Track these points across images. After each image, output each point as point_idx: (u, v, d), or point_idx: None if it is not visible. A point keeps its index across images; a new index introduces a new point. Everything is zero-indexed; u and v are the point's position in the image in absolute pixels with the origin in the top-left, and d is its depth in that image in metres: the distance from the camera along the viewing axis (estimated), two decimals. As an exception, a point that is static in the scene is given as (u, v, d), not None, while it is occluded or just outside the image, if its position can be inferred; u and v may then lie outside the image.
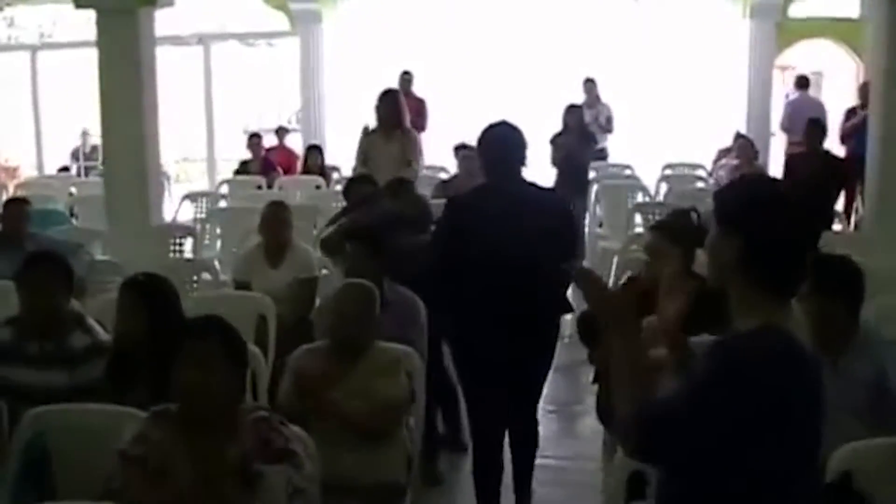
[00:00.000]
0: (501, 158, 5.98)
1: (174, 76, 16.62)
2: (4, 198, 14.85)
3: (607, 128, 14.97)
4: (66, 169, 17.21)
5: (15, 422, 4.90)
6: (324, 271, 8.09)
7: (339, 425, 5.13)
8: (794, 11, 16.15)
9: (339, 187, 13.22)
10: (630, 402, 3.05)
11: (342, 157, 15.96)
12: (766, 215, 2.97)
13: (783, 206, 3.00)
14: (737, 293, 3.04)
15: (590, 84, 15.01)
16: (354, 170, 10.52)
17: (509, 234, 5.66)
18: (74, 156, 17.98)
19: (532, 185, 6.10)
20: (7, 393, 5.30)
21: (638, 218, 11.23)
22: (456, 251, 5.82)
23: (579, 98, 14.53)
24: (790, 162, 11.85)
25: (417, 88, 15.30)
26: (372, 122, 10.55)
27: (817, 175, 10.68)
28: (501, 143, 6.03)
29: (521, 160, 6.02)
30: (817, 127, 11.41)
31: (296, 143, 17.12)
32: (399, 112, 10.34)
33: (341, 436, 5.09)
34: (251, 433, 4.01)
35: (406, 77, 15.15)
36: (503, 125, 6.09)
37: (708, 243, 3.16)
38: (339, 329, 5.49)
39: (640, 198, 12.37)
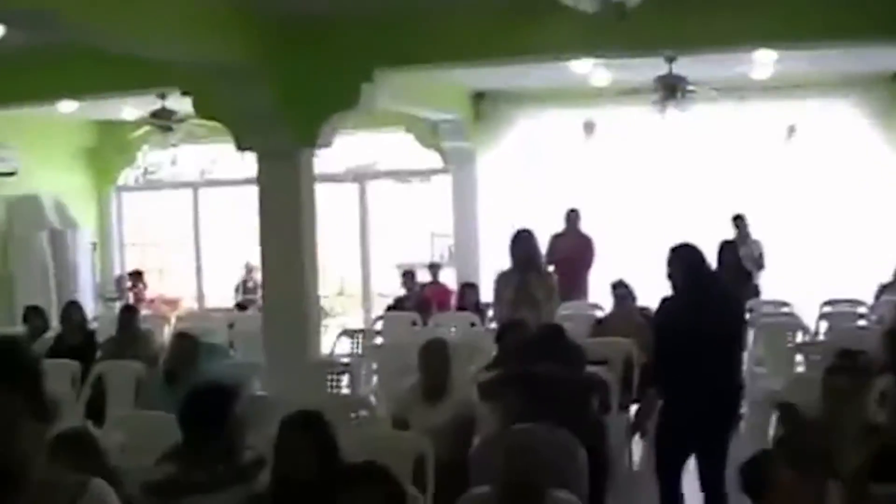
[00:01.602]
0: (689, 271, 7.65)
1: (329, 212, 16.82)
2: (166, 330, 15.15)
3: (759, 263, 14.68)
4: (241, 307, 17.36)
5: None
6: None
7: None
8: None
9: (493, 325, 13.17)
10: None
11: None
12: None
13: None
14: None
15: (739, 220, 14.80)
16: (498, 315, 10.46)
17: (699, 329, 7.33)
18: (237, 289, 18.19)
19: (715, 287, 7.97)
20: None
21: (798, 357, 10.89)
22: (664, 346, 7.65)
23: (729, 235, 14.30)
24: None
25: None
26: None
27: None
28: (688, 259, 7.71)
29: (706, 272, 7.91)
30: None
31: (448, 278, 17.14)
32: (532, 252, 10.29)
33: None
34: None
35: (573, 214, 15.22)
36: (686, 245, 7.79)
37: (890, 400, 2.95)
38: (513, 475, 5.32)
39: (800, 337, 11.98)
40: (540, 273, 10.24)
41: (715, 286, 8.00)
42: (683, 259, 7.66)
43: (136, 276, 18.91)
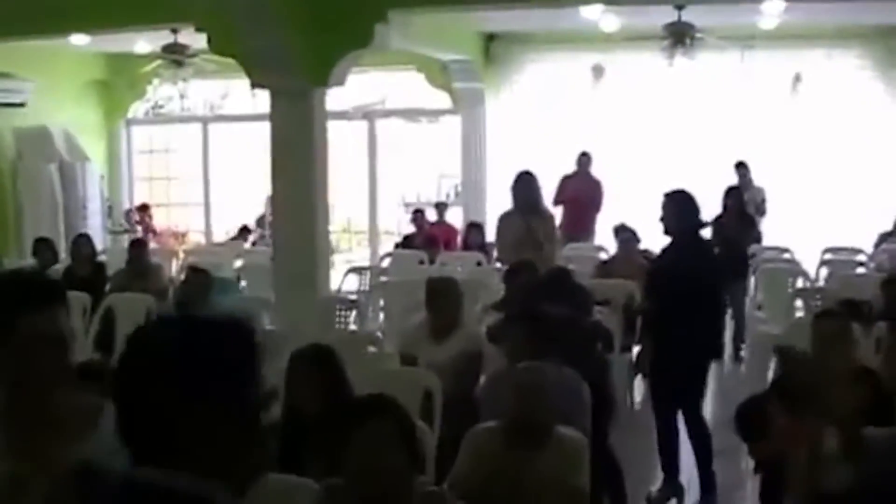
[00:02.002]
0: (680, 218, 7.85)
1: (337, 149, 16.86)
2: (174, 263, 15.26)
3: (762, 210, 14.72)
4: (246, 229, 17.49)
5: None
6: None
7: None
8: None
9: (499, 264, 13.29)
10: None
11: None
12: None
13: None
14: None
15: (742, 167, 14.84)
16: (500, 256, 10.56)
17: (678, 276, 7.66)
18: (259, 223, 18.33)
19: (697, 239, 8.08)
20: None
21: (798, 303, 11.01)
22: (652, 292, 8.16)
23: (732, 181, 14.34)
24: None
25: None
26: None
27: None
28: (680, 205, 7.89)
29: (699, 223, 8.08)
30: None
31: (454, 218, 17.24)
32: (534, 195, 10.35)
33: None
34: (421, 508, 4.03)
35: (584, 158, 15.32)
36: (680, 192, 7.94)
37: (885, 346, 3.05)
38: (521, 412, 5.45)
39: (800, 283, 12.10)
40: (541, 215, 10.30)
41: (699, 240, 8.20)
42: (676, 204, 7.88)
43: (143, 209, 19.03)
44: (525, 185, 10.35)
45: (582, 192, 15.14)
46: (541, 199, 10.37)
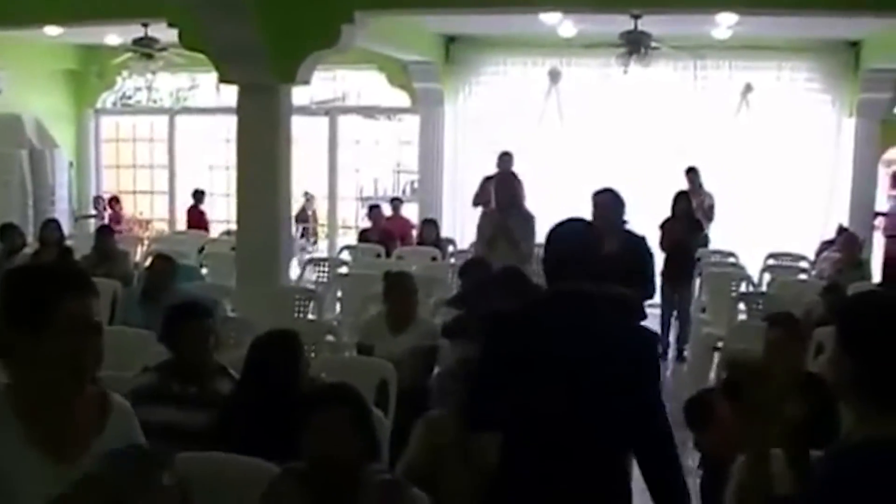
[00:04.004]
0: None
1: (299, 144, 16.91)
2: (139, 250, 15.25)
3: (709, 215, 14.79)
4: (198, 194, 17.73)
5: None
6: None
7: (467, 489, 5.13)
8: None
9: (453, 260, 13.36)
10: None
11: (457, 230, 16.23)
12: (892, 339, 2.88)
13: None
14: (851, 405, 2.97)
15: (693, 173, 14.89)
16: (478, 252, 10.58)
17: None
18: (297, 218, 18.31)
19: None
20: (148, 432, 5.42)
21: (742, 306, 11.10)
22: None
23: (682, 186, 14.43)
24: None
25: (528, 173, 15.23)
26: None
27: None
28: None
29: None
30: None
31: (410, 213, 17.30)
32: (515, 192, 10.36)
33: (468, 501, 5.10)
34: (376, 495, 4.07)
35: (506, 157, 14.85)
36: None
37: (828, 357, 3.08)
38: None
39: (743, 287, 12.22)
40: (521, 215, 10.31)
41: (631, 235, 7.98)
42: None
43: (114, 201, 19.27)
44: (506, 184, 10.36)
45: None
46: (521, 198, 10.36)
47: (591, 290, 4.16)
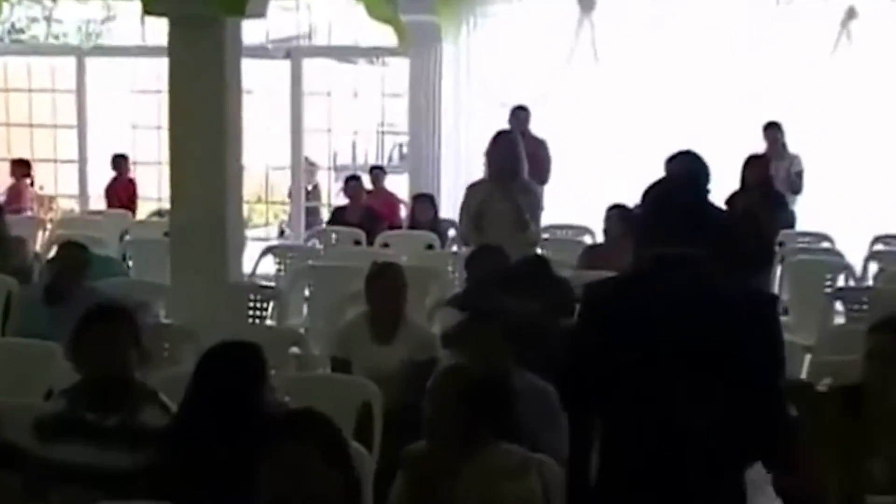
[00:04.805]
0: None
1: (253, 96, 16.92)
2: (39, 236, 15.28)
3: (795, 186, 14.70)
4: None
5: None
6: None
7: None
8: None
9: (455, 248, 13.40)
10: None
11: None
12: None
13: None
14: None
15: (773, 130, 14.85)
16: (463, 234, 10.64)
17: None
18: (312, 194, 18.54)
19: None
20: (59, 475, 5.47)
21: (839, 306, 10.98)
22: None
23: (757, 147, 14.38)
24: None
25: (545, 129, 15.28)
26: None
27: None
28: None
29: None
30: None
31: (398, 186, 17.32)
32: (515, 159, 10.40)
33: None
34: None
35: (521, 113, 14.97)
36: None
37: None
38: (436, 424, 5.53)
39: (841, 280, 12.13)
40: (524, 187, 10.35)
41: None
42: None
43: (21, 165, 18.77)
44: (504, 146, 10.41)
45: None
46: (522, 165, 10.40)
47: (698, 254, 4.72)
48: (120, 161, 18.05)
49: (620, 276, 5.55)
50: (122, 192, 17.89)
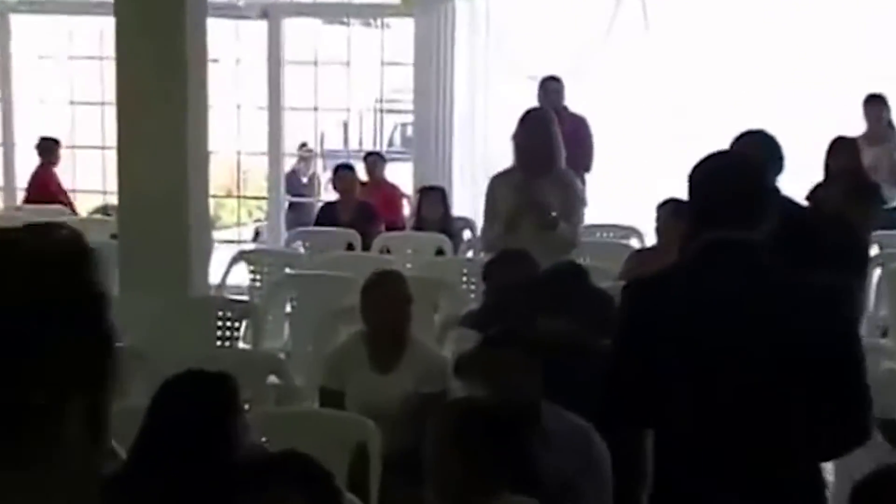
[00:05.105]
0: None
1: (222, 65, 16.97)
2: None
3: (900, 176, 14.45)
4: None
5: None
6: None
7: None
8: None
9: (470, 253, 13.42)
10: None
11: (477, 204, 16.24)
12: None
13: None
14: None
15: (877, 105, 14.70)
16: (488, 240, 10.62)
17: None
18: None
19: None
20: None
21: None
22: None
23: (855, 126, 14.36)
24: None
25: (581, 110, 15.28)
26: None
27: None
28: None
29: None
30: None
31: (400, 176, 17.37)
32: (550, 143, 10.39)
33: None
34: None
35: (552, 84, 14.98)
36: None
37: None
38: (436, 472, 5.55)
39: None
40: (558, 177, 10.33)
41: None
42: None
43: None
44: (535, 127, 10.42)
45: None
46: (558, 149, 10.39)
47: (755, 240, 4.98)
48: (47, 147, 17.92)
49: (664, 269, 5.79)
50: (47, 184, 17.87)
